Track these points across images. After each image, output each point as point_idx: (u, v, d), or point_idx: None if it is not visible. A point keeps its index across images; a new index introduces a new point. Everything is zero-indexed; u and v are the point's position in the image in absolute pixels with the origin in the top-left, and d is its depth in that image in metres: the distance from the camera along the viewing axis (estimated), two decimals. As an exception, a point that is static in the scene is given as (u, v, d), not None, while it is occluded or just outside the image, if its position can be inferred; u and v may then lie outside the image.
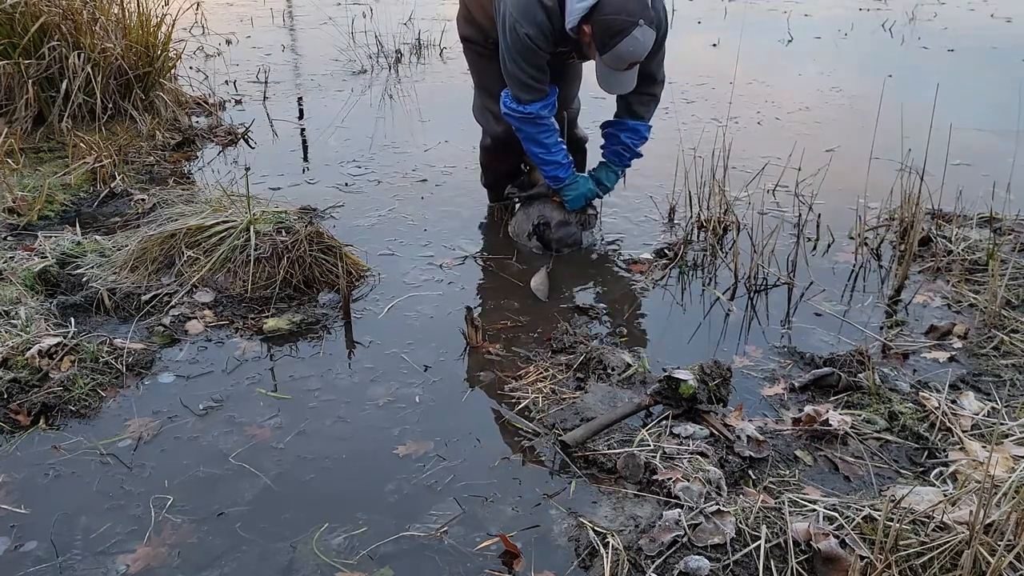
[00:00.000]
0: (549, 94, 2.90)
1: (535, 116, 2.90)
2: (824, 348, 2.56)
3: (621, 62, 2.70)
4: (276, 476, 1.99)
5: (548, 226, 3.14)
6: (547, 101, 2.90)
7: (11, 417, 2.15)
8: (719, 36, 6.76)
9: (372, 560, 1.75)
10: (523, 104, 2.88)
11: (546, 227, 3.14)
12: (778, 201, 3.52)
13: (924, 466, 2.01)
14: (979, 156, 4.02)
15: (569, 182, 3.08)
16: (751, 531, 1.74)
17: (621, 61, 2.69)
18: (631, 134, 3.12)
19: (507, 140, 3.14)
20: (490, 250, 3.21)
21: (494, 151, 3.31)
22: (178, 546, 1.78)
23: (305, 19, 7.33)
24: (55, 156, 3.87)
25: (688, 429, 2.09)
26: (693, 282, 3.00)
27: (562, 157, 3.02)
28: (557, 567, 1.74)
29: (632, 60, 2.69)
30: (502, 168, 3.41)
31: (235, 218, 2.91)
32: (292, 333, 2.59)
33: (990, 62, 6.10)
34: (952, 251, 3.05)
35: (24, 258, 2.86)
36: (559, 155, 3.01)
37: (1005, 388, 2.29)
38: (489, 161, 3.43)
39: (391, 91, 5.35)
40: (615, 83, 2.81)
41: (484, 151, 3.39)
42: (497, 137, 3.20)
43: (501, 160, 3.37)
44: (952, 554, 1.61)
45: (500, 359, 2.48)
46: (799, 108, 4.97)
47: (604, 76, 2.78)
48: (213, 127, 4.45)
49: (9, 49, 3.92)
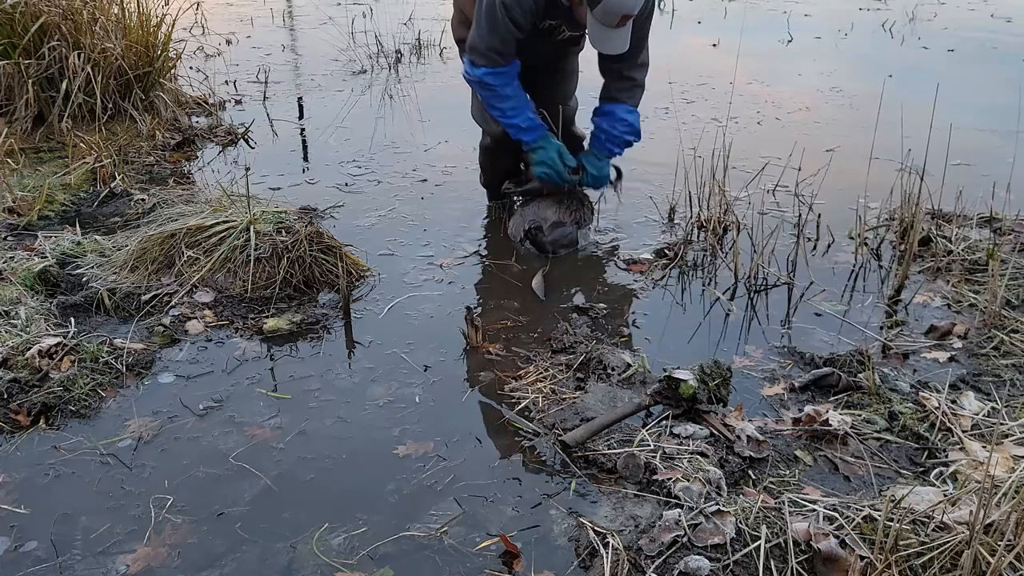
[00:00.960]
0: (502, 65, 2.89)
1: (481, 81, 2.92)
2: (824, 348, 2.56)
3: (612, 17, 2.68)
4: (276, 476, 1.99)
5: (540, 230, 3.13)
6: (496, 70, 2.89)
7: (11, 417, 2.15)
8: (719, 36, 6.76)
9: (372, 560, 1.75)
10: (475, 67, 2.91)
11: (538, 231, 3.13)
12: (778, 201, 3.52)
13: (924, 466, 2.01)
14: (979, 156, 4.02)
15: (535, 147, 3.06)
16: (751, 531, 1.74)
17: (612, 16, 2.68)
18: (606, 118, 3.08)
19: (506, 140, 3.14)
20: (490, 250, 3.21)
21: (493, 151, 3.33)
22: (178, 546, 1.78)
23: (305, 19, 7.33)
24: (55, 156, 3.87)
25: (688, 429, 2.10)
26: (693, 282, 3.00)
27: (522, 121, 3.00)
28: (557, 567, 1.74)
29: (623, 13, 2.68)
30: (501, 168, 3.41)
31: (235, 218, 2.91)
32: (292, 333, 2.59)
33: (990, 62, 6.10)
34: (952, 251, 3.05)
35: (24, 258, 2.86)
36: (518, 119, 2.99)
37: (1005, 388, 2.29)
38: (488, 161, 3.44)
39: (391, 91, 5.35)
40: (607, 41, 2.79)
41: (483, 151, 3.40)
42: (496, 137, 3.21)
43: (500, 160, 3.37)
44: (952, 554, 1.61)
45: (500, 359, 2.48)
46: (799, 108, 4.97)
47: (596, 34, 2.77)
48: (213, 127, 4.45)
49: (9, 49, 3.92)
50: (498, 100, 2.96)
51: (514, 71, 2.93)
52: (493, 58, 2.86)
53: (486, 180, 3.56)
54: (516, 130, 3.02)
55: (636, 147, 3.21)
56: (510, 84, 2.94)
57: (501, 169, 3.42)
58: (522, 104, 2.99)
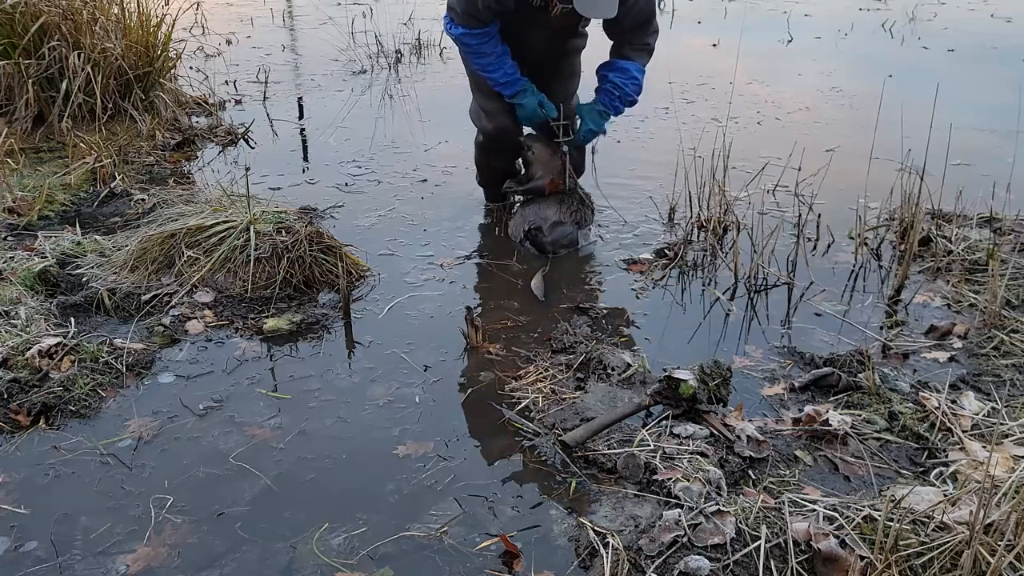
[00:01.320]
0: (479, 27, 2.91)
1: (459, 39, 2.98)
2: (824, 348, 2.56)
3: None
4: (276, 476, 1.99)
5: (540, 230, 3.13)
6: (472, 31, 2.92)
7: (11, 417, 2.15)
8: (719, 36, 6.76)
9: (372, 560, 1.75)
10: (454, 26, 2.96)
11: (538, 231, 3.13)
12: (778, 201, 3.52)
13: (924, 466, 2.01)
14: (979, 156, 4.02)
15: (516, 100, 3.08)
16: (751, 531, 1.74)
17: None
18: (619, 73, 3.07)
19: (497, 137, 3.18)
20: (490, 250, 3.21)
21: (486, 148, 3.35)
22: (178, 546, 1.78)
23: (305, 19, 7.33)
24: (55, 156, 3.87)
25: (688, 429, 2.10)
26: (693, 282, 3.00)
27: (500, 76, 3.03)
28: (557, 567, 1.74)
29: None
30: (496, 166, 3.43)
31: (235, 218, 2.91)
32: (292, 333, 2.59)
33: (990, 62, 6.10)
34: (952, 251, 3.05)
35: (24, 258, 2.86)
36: (496, 74, 3.03)
37: (1005, 388, 2.29)
38: (483, 159, 3.46)
39: (391, 91, 5.35)
40: (593, 4, 2.78)
41: (478, 148, 3.43)
42: (488, 134, 3.25)
43: (494, 158, 3.39)
44: (952, 554, 1.61)
45: (500, 359, 2.48)
46: (799, 108, 4.97)
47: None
48: (213, 127, 4.45)
49: (9, 49, 3.92)
50: (476, 57, 3.02)
51: (492, 31, 2.97)
52: (469, 21, 2.91)
53: (482, 179, 3.57)
54: (496, 84, 3.06)
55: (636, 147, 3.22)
56: (487, 43, 2.98)
57: (496, 167, 3.43)
58: (500, 60, 3.02)
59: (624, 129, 4.53)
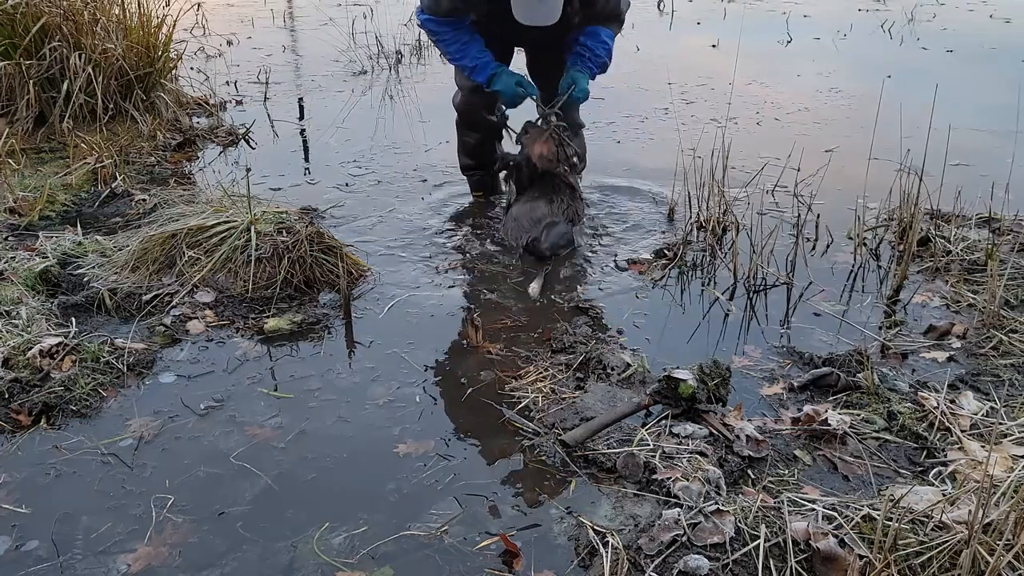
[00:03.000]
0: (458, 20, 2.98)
1: (424, 25, 3.07)
2: (823, 348, 2.56)
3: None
4: (277, 476, 2.00)
5: (537, 240, 3.12)
6: (437, 19, 3.00)
7: (12, 417, 2.15)
8: (718, 37, 6.76)
9: (372, 559, 1.75)
10: (422, 12, 3.03)
11: (535, 242, 3.12)
12: (777, 201, 3.53)
13: (923, 466, 2.02)
14: (978, 156, 4.02)
15: (494, 85, 3.11)
16: (750, 530, 1.75)
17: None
18: (590, 37, 3.10)
19: (465, 111, 3.37)
20: (490, 250, 3.22)
21: (459, 124, 3.49)
22: (179, 546, 1.79)
23: (306, 20, 7.33)
24: (56, 156, 3.88)
25: (687, 429, 2.10)
26: (692, 282, 3.01)
27: (468, 61, 3.08)
28: (557, 566, 1.74)
29: None
30: (468, 143, 3.54)
31: (236, 218, 2.92)
32: (293, 333, 2.60)
33: (989, 62, 6.10)
34: (951, 251, 3.05)
35: (25, 258, 2.87)
36: (464, 60, 3.09)
37: (1004, 388, 2.29)
38: (458, 135, 3.57)
39: (391, 91, 5.36)
40: (532, 13, 2.81)
41: (456, 129, 3.54)
42: (458, 108, 3.40)
43: (465, 134, 3.51)
44: (951, 554, 1.61)
45: (500, 359, 2.49)
46: (798, 109, 4.98)
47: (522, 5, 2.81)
48: (214, 128, 4.45)
49: (10, 49, 3.92)
50: (443, 44, 3.10)
51: (462, 24, 3.02)
52: (435, 10, 2.98)
53: (461, 161, 3.65)
54: (467, 71, 3.12)
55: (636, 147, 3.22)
56: (452, 32, 3.03)
57: (468, 144, 3.53)
58: (467, 47, 3.06)
59: (624, 129, 4.54)
